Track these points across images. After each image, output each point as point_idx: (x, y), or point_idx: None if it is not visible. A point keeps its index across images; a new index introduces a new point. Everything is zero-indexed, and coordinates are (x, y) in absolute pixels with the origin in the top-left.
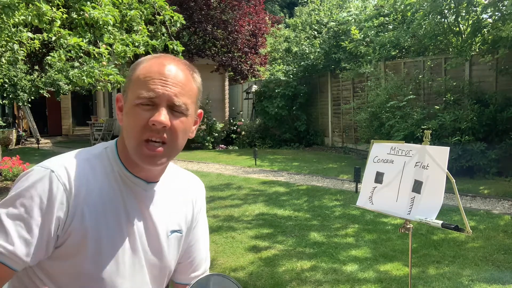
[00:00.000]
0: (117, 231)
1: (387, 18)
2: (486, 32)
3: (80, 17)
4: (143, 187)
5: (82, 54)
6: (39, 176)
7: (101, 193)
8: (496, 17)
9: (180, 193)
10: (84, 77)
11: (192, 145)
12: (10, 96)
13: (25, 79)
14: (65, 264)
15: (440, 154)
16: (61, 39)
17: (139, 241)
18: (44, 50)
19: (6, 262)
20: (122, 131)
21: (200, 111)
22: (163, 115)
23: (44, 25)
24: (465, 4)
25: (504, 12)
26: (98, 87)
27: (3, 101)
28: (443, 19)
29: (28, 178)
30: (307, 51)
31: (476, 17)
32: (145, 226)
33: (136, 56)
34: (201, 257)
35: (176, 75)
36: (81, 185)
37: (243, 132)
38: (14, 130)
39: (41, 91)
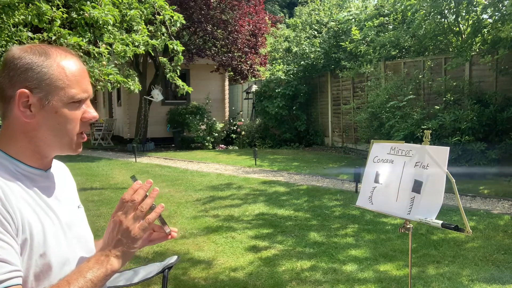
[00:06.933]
0: (46, 220)
1: (387, 18)
2: (486, 32)
3: (80, 17)
4: (42, 176)
5: (82, 54)
6: None
7: (19, 194)
8: (496, 17)
9: (63, 175)
10: None
11: (192, 145)
12: None
13: None
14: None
15: (440, 154)
16: (61, 39)
17: (65, 223)
18: None
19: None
20: (23, 131)
21: None
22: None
23: (44, 24)
24: (465, 4)
25: (504, 12)
26: (98, 87)
27: None
28: (443, 19)
29: None
30: (307, 51)
31: (476, 17)
32: (62, 208)
33: (136, 56)
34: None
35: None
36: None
37: (243, 132)
38: None
39: None
